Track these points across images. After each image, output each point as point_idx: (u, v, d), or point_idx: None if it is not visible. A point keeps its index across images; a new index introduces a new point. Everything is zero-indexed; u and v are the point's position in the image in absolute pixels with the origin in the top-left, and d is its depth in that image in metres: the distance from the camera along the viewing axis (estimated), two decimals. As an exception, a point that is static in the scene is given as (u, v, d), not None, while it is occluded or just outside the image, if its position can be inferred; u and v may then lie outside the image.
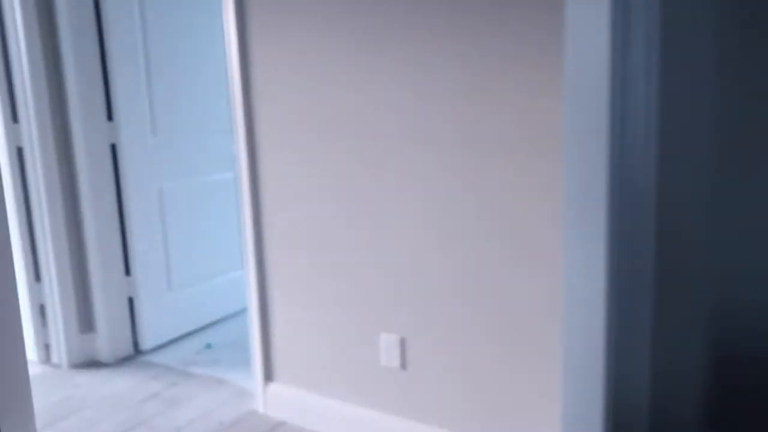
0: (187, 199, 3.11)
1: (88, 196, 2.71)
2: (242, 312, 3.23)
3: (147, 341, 2.97)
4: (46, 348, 2.83)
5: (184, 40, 2.99)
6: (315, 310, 2.14)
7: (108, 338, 2.84)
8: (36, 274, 2.78)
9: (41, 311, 2.81)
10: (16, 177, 2.66)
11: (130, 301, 2.94)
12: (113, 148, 2.80)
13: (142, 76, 2.82)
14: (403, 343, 1.95)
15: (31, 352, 2.82)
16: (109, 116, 2.77)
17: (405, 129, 1.83)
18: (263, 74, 2.08)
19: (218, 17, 2.96)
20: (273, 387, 2.28)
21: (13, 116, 2.63)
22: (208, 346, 3.03)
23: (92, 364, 2.83)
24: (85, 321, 2.85)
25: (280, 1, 1.99)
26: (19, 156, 2.67)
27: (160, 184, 2.97)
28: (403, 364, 1.96)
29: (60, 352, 2.79)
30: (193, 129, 3.09)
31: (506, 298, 1.74)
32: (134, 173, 2.84)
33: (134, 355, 2.93)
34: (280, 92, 2.06)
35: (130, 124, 2.81)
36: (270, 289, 2.25)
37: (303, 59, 1.98)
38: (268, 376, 2.30)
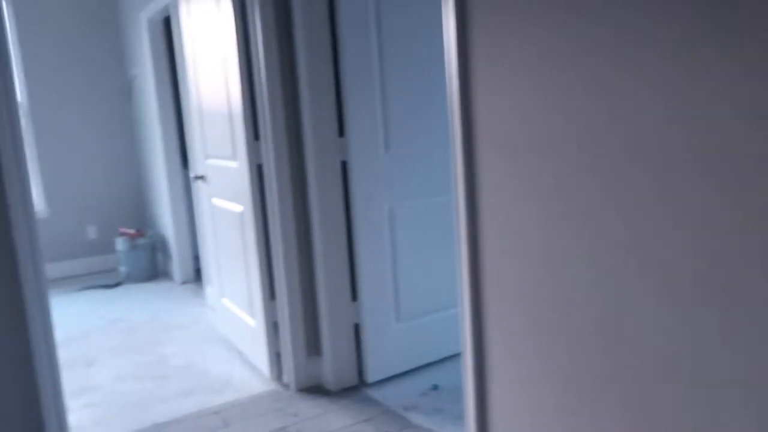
0: (419, 221, 2.84)
1: (318, 214, 2.61)
2: (476, 352, 2.81)
3: (371, 373, 2.75)
4: (278, 366, 2.81)
5: (421, 53, 2.75)
6: (547, 379, 1.61)
7: (333, 364, 2.70)
8: (271, 292, 2.78)
9: (275, 329, 2.80)
10: (255, 194, 2.70)
11: (356, 327, 2.76)
12: (343, 165, 2.67)
13: (375, 90, 2.65)
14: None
15: (265, 367, 2.83)
16: (341, 132, 2.65)
17: (680, 152, 1.22)
18: (485, 83, 1.66)
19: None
20: (489, 458, 1.80)
21: (255, 134, 2.68)
22: (435, 387, 2.68)
23: (318, 389, 2.71)
24: (313, 344, 2.76)
25: (509, 1, 1.55)
26: (258, 173, 2.70)
27: (391, 203, 2.75)
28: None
29: (289, 373, 2.74)
30: (427, 145, 2.82)
31: None
32: (364, 191, 2.67)
33: (358, 386, 2.73)
34: (507, 105, 1.61)
35: (362, 139, 2.64)
36: (488, 333, 1.79)
37: (537, 64, 1.51)
38: (485, 443, 1.83)
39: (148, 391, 2.79)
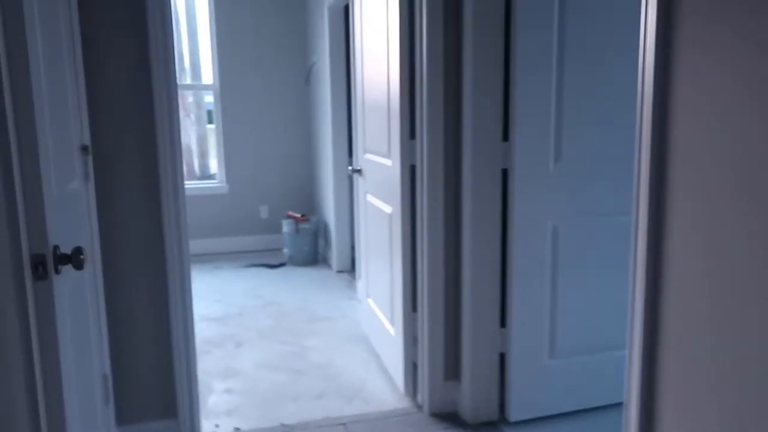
0: (587, 243, 2.43)
1: (470, 226, 2.34)
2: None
3: (515, 410, 2.43)
4: (413, 383, 2.61)
5: (608, 54, 2.32)
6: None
7: (471, 393, 2.43)
8: (413, 303, 2.57)
9: (414, 343, 2.60)
10: (405, 197, 2.50)
11: (501, 357, 2.45)
12: (504, 174, 2.36)
13: (550, 91, 2.29)
14: None
15: (400, 381, 2.64)
16: (505, 136, 2.34)
17: None
18: (687, 98, 1.27)
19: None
20: None
21: (411, 132, 2.47)
22: (588, 440, 2.29)
23: (452, 417, 2.46)
24: (452, 367, 2.51)
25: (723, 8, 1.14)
26: (411, 174, 2.50)
27: (556, 220, 2.39)
28: None
29: (423, 393, 2.52)
30: (605, 157, 2.39)
31: None
32: (525, 204, 2.34)
33: (497, 422, 2.43)
34: (717, 126, 1.21)
35: (529, 146, 2.31)
36: (661, 390, 1.40)
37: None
38: None
39: (282, 386, 2.76)
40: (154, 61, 2.02)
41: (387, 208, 2.71)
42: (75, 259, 1.21)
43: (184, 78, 5.46)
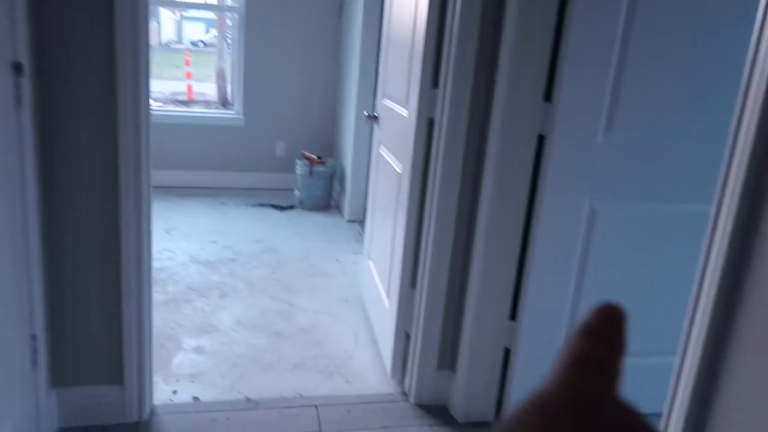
0: (630, 234, 2.03)
1: (489, 198, 1.96)
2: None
3: (513, 415, 2.10)
4: (402, 366, 2.29)
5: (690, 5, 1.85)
6: None
7: (466, 388, 2.10)
8: (413, 279, 2.22)
9: (409, 322, 2.26)
10: (418, 156, 2.11)
11: (506, 353, 2.11)
12: (540, 141, 1.95)
13: (611, 48, 1.84)
14: None
15: (388, 361, 2.33)
16: (548, 95, 1.92)
17: None
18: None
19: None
20: None
21: (434, 79, 2.06)
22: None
23: (440, 412, 2.15)
24: (448, 356, 2.18)
25: None
26: (429, 130, 2.10)
27: (595, 203, 1.98)
28: None
29: (411, 380, 2.21)
30: (670, 132, 1.96)
31: None
32: (561, 179, 1.94)
33: (492, 423, 2.11)
34: None
35: (575, 110, 1.89)
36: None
37: None
38: None
39: (258, 350, 2.47)
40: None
41: (398, 167, 2.32)
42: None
43: (208, -5, 5.04)
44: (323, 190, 4.71)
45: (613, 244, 2.03)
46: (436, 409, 2.16)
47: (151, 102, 1.85)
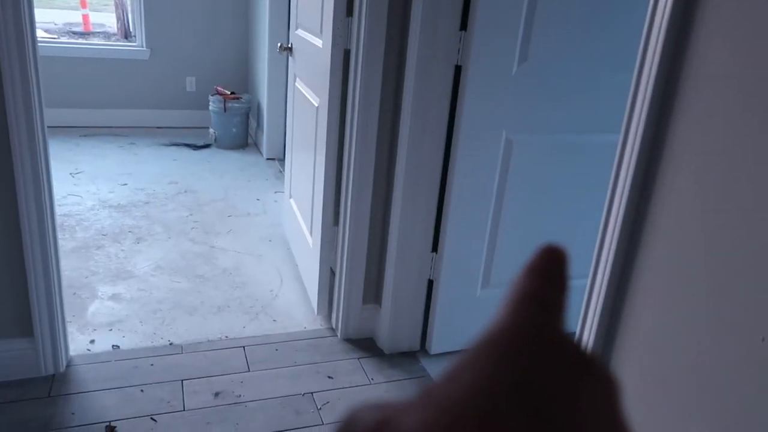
0: (546, 164, 2.09)
1: (408, 130, 1.94)
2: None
3: (437, 342, 2.18)
4: (328, 303, 2.31)
5: None
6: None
7: (391, 321, 2.15)
8: (335, 216, 2.21)
9: (333, 260, 2.26)
10: (334, 89, 2.05)
11: (429, 285, 2.16)
12: (457, 72, 1.93)
13: (527, -33, 1.82)
14: None
15: (314, 298, 2.33)
16: (464, 24, 1.89)
17: None
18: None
19: None
20: None
21: (348, 6, 1.97)
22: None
23: (368, 345, 2.20)
24: (373, 291, 2.21)
25: None
26: (345, 62, 2.03)
27: (511, 134, 2.01)
28: None
29: (338, 316, 2.23)
30: (583, 62, 1.99)
31: None
32: (478, 110, 1.94)
33: (417, 353, 2.19)
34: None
35: (490, 39, 1.87)
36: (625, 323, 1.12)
37: None
38: None
39: (180, 294, 2.41)
40: None
41: (315, 100, 2.25)
42: None
43: None
44: (239, 127, 4.54)
45: (529, 175, 2.09)
46: (363, 343, 2.20)
47: (41, 33, 1.68)
